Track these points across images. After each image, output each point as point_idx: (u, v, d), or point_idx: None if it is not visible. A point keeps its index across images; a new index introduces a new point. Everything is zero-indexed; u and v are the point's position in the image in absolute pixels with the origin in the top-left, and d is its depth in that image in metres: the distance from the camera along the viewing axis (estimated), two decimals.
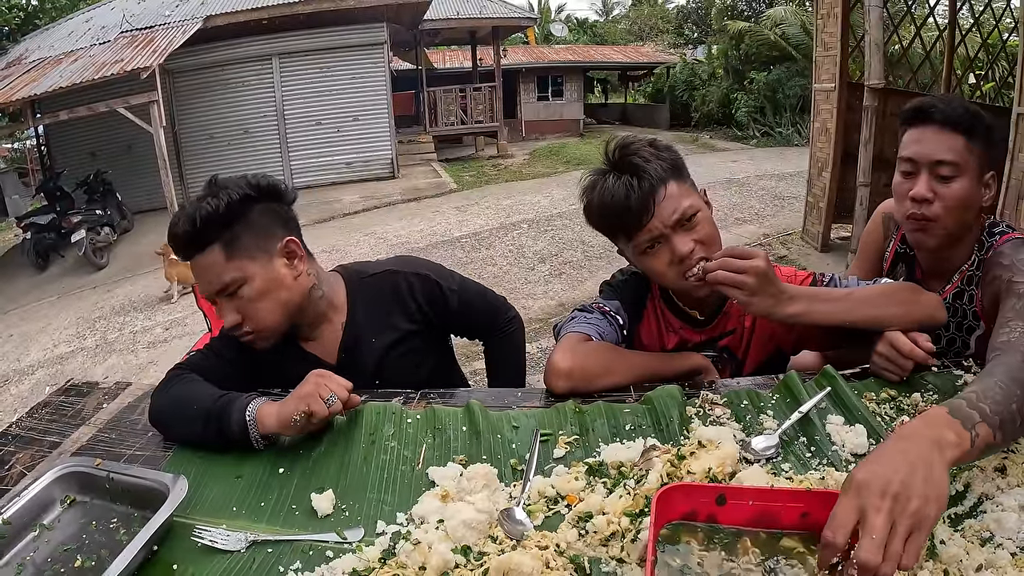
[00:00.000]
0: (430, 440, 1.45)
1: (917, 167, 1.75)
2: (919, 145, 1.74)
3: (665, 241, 1.61)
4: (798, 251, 8.64)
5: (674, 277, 1.65)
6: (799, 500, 1.08)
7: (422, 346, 1.92)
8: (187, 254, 1.64)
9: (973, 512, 1.14)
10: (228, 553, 1.18)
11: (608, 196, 1.62)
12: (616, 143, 1.68)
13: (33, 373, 7.79)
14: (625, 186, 1.59)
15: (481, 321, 2.05)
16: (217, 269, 1.63)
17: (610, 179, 1.63)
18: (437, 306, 1.90)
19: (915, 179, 1.75)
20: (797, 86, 19.19)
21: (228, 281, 1.64)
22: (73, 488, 1.35)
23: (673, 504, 1.08)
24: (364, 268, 1.95)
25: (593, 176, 1.69)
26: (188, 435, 1.52)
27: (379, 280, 1.90)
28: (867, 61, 6.23)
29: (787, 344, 1.83)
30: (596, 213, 1.68)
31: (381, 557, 1.12)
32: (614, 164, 1.66)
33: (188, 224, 1.60)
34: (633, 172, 1.60)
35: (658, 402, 1.48)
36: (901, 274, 1.99)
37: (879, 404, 1.46)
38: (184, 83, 16.19)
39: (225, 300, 1.66)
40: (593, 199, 1.67)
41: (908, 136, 1.79)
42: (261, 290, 1.67)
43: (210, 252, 1.62)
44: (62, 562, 1.20)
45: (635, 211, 1.59)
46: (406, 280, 1.90)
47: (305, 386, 1.46)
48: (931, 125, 1.73)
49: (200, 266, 1.64)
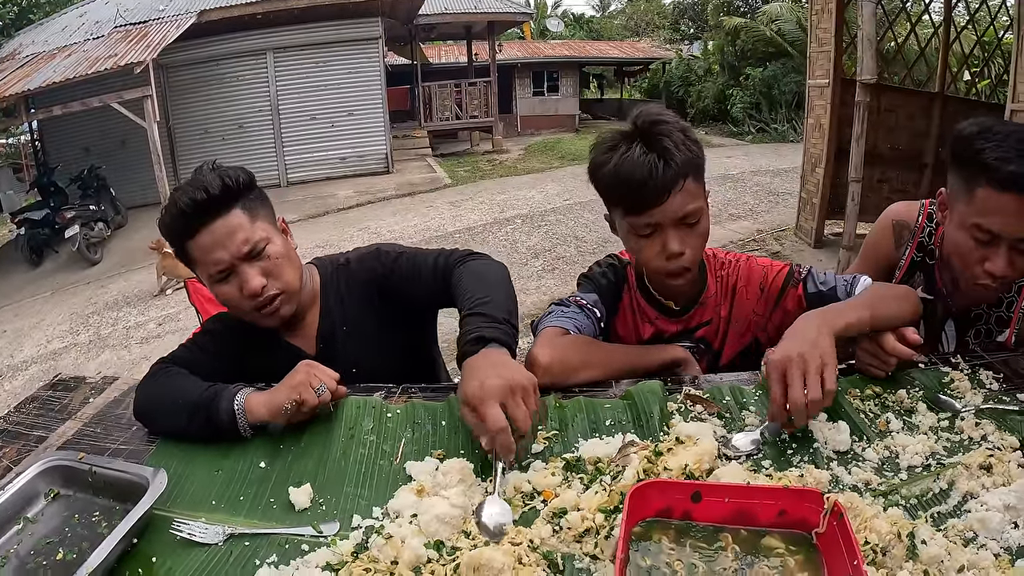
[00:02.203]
0: (409, 435, 1.44)
1: (998, 241, 1.57)
2: (1006, 220, 1.53)
3: (660, 232, 1.60)
4: (791, 247, 8.65)
5: (655, 267, 1.65)
6: (776, 497, 1.08)
7: (390, 331, 1.90)
8: (208, 218, 1.62)
9: (957, 512, 1.14)
10: (206, 546, 1.18)
11: (628, 167, 1.55)
12: (650, 113, 1.61)
13: (26, 369, 7.79)
14: (650, 165, 1.53)
15: (427, 269, 1.80)
16: (246, 228, 1.64)
17: (636, 150, 1.55)
18: (379, 275, 1.86)
19: (991, 249, 1.58)
20: (792, 82, 19.16)
21: (258, 239, 1.65)
22: (57, 482, 1.35)
23: (648, 501, 1.08)
24: (335, 259, 1.95)
25: (616, 138, 1.61)
26: (173, 428, 1.51)
27: (341, 270, 1.91)
28: (860, 56, 6.21)
29: (764, 336, 1.82)
30: (607, 177, 1.61)
31: (354, 551, 1.11)
32: (643, 135, 1.57)
33: (216, 186, 1.61)
34: (661, 154, 1.53)
35: (639, 397, 1.47)
36: (919, 283, 1.93)
37: (863, 400, 1.45)
38: (178, 78, 16.12)
39: (248, 265, 1.65)
40: (609, 162, 1.59)
41: (994, 202, 1.54)
42: (283, 250, 1.71)
43: (234, 214, 1.63)
44: (44, 555, 1.21)
45: (650, 194, 1.54)
46: (358, 264, 1.90)
47: (296, 375, 1.47)
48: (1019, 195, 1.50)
49: (226, 228, 1.63)
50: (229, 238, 1.63)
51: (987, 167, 1.52)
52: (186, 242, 1.65)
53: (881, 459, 1.28)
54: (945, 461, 1.26)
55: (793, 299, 1.75)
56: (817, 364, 1.32)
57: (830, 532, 1.02)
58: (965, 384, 1.48)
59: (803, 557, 1.02)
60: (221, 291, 1.69)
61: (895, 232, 1.99)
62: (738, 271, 1.83)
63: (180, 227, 1.63)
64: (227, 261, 1.63)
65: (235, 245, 1.63)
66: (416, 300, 1.86)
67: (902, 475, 1.24)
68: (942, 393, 1.47)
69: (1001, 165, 1.49)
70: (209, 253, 1.63)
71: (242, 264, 1.65)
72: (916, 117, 7.94)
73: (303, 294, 1.80)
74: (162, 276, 9.68)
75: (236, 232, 1.63)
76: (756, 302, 1.81)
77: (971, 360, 1.60)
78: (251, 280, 1.64)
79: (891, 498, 1.17)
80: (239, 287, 1.66)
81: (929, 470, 1.24)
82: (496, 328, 1.44)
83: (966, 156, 1.58)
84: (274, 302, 1.69)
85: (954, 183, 1.66)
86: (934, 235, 1.90)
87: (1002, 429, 1.32)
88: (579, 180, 12.08)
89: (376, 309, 1.87)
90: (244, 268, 1.65)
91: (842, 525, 0.99)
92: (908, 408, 1.43)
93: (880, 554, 1.02)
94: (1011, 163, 1.49)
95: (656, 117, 1.60)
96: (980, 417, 1.37)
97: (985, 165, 1.52)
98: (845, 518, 0.99)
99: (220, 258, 1.63)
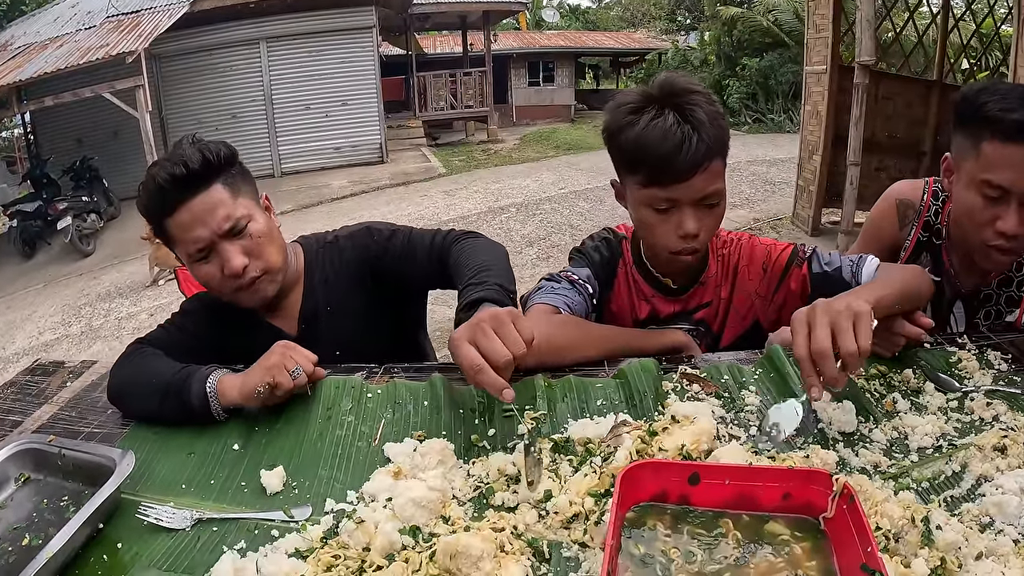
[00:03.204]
0: (389, 415, 1.38)
1: (1008, 196, 1.53)
2: (1015, 173, 1.50)
3: (678, 208, 1.52)
4: (788, 235, 8.63)
5: (665, 244, 1.57)
6: (780, 479, 1.00)
7: (377, 311, 1.85)
8: (188, 194, 1.55)
9: (971, 496, 1.08)
10: (173, 531, 1.14)
11: (657, 135, 1.44)
12: (681, 80, 1.51)
13: (18, 361, 7.77)
14: (682, 137, 1.43)
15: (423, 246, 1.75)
16: (227, 205, 1.59)
17: (669, 118, 1.44)
18: (371, 252, 1.81)
19: (1002, 207, 1.54)
20: (789, 72, 19.19)
21: (239, 216, 1.60)
22: (28, 466, 1.31)
23: (641, 483, 1.01)
24: (322, 237, 1.91)
25: (642, 100, 1.50)
26: (146, 410, 1.47)
27: (329, 248, 1.86)
28: (858, 38, 6.18)
29: (766, 318, 1.75)
30: (629, 143, 1.50)
31: (323, 536, 1.07)
32: (674, 105, 1.46)
33: (196, 160, 1.55)
34: (696, 127, 1.43)
35: (632, 376, 1.40)
36: (926, 263, 1.87)
37: (868, 380, 1.40)
38: (171, 68, 16.12)
39: (229, 242, 1.59)
40: (634, 125, 1.48)
41: (1001, 155, 1.51)
42: (266, 228, 1.66)
43: (215, 190, 1.58)
44: (11, 541, 1.18)
45: (677, 169, 1.45)
46: (348, 242, 1.85)
47: (271, 357, 1.41)
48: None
49: (206, 204, 1.56)
50: (209, 214, 1.57)
51: (991, 120, 1.50)
52: (164, 220, 1.58)
53: (889, 440, 1.23)
54: (957, 442, 1.21)
55: (797, 279, 1.68)
56: (848, 315, 1.18)
57: (839, 517, 0.95)
58: (973, 364, 1.44)
59: (810, 544, 0.95)
60: (201, 271, 1.63)
61: (899, 211, 1.93)
62: (740, 250, 1.76)
63: (158, 203, 1.57)
64: (207, 239, 1.57)
65: (216, 222, 1.57)
66: (410, 280, 1.81)
67: (912, 457, 1.19)
68: (947, 373, 1.42)
69: (1005, 115, 1.48)
70: (188, 231, 1.57)
71: (223, 242, 1.59)
72: (914, 105, 7.95)
73: (287, 274, 1.74)
74: (155, 266, 9.74)
75: (217, 208, 1.57)
76: (759, 282, 1.73)
77: (979, 340, 1.55)
78: (232, 259, 1.59)
79: (902, 481, 1.12)
80: (220, 267, 1.60)
81: (940, 452, 1.19)
82: (492, 291, 1.37)
83: (970, 113, 1.56)
84: (256, 283, 1.64)
85: (959, 144, 1.62)
86: (940, 213, 1.85)
87: (1014, 409, 1.27)
88: (574, 169, 12.16)
89: (367, 289, 1.82)
90: (225, 246, 1.59)
91: (852, 509, 0.92)
92: (915, 388, 1.39)
93: (893, 540, 0.96)
94: (1015, 112, 1.47)
95: (689, 85, 1.51)
96: (991, 397, 1.32)
97: (989, 118, 1.51)
98: (856, 501, 0.92)
99: (200, 236, 1.57)
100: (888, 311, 1.38)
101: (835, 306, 1.20)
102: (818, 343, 1.16)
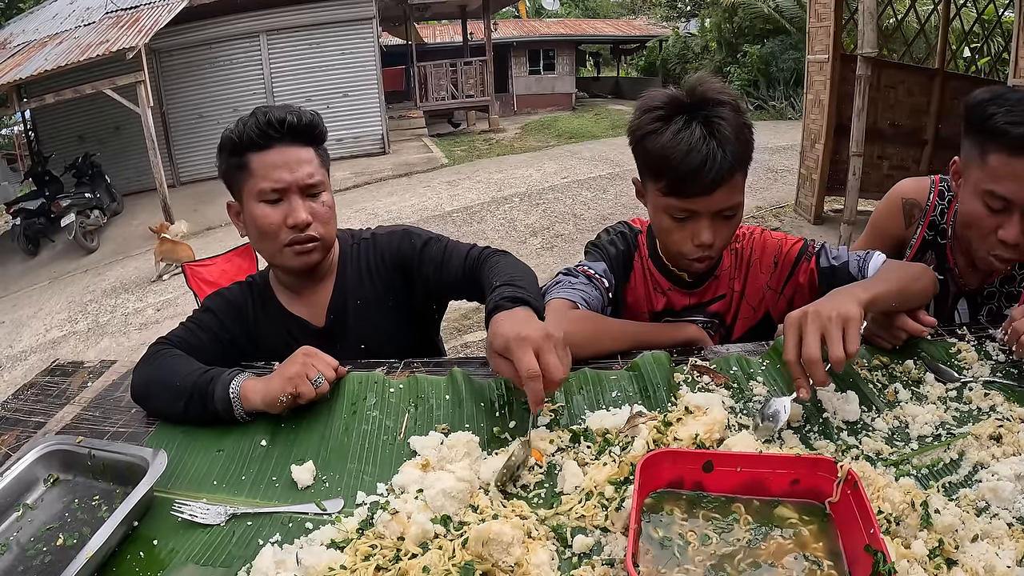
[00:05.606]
0: (412, 409, 1.42)
1: (1011, 207, 1.55)
2: (1018, 185, 1.51)
3: (695, 219, 1.55)
4: (791, 224, 8.62)
5: (680, 251, 1.62)
6: (789, 467, 1.06)
7: (403, 311, 1.88)
8: (287, 141, 1.64)
9: (968, 481, 1.13)
10: (208, 527, 1.16)
11: (682, 148, 1.47)
12: (712, 88, 1.52)
13: (26, 359, 7.78)
14: (708, 153, 1.45)
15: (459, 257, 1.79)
16: (314, 167, 1.68)
17: (696, 132, 1.47)
18: (406, 255, 1.84)
19: (1004, 217, 1.56)
20: (791, 59, 19.05)
21: (318, 181, 1.68)
22: (56, 467, 1.34)
23: (659, 471, 1.06)
24: (357, 233, 1.94)
25: (671, 106, 1.53)
26: (171, 411, 1.49)
27: (365, 245, 1.89)
28: (860, 30, 6.17)
29: (776, 311, 1.80)
30: (655, 151, 1.52)
31: (359, 528, 1.10)
32: (703, 117, 1.49)
33: (307, 118, 1.67)
34: (722, 142, 1.46)
35: (645, 368, 1.45)
36: (931, 261, 1.90)
37: (871, 371, 1.44)
38: (171, 63, 16.04)
39: (299, 198, 1.66)
40: (661, 134, 1.50)
41: (1005, 167, 1.52)
42: (332, 204, 1.74)
43: (308, 150, 1.68)
44: (45, 541, 1.19)
45: (699, 184, 1.48)
46: (385, 241, 1.88)
47: (292, 366, 1.43)
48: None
49: (299, 156, 1.65)
50: (298, 165, 1.65)
51: (998, 132, 1.51)
52: (252, 153, 1.64)
53: (891, 429, 1.28)
54: (955, 431, 1.25)
55: (805, 272, 1.73)
56: (838, 322, 1.24)
57: (844, 501, 1.00)
58: (972, 355, 1.47)
59: (817, 527, 1.01)
60: (262, 212, 1.66)
61: (905, 210, 1.96)
62: (752, 244, 1.81)
63: (255, 136, 1.63)
64: (286, 183, 1.64)
65: (301, 173, 1.65)
66: (441, 286, 1.83)
67: (912, 445, 1.23)
68: (947, 364, 1.46)
69: (1011, 129, 1.48)
70: (272, 170, 1.63)
71: (297, 196, 1.65)
72: (916, 93, 7.90)
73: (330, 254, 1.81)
74: (160, 261, 9.70)
75: (305, 164, 1.66)
76: (770, 275, 1.78)
77: (978, 332, 1.59)
78: (299, 211, 1.65)
79: (902, 468, 1.16)
80: (284, 215, 1.65)
81: (939, 440, 1.24)
82: (527, 294, 1.41)
83: (977, 122, 1.56)
84: (310, 244, 1.69)
85: (967, 150, 1.63)
86: (946, 213, 1.88)
87: (1010, 400, 1.32)
88: (577, 158, 12.04)
89: (396, 289, 1.85)
90: (296, 199, 1.66)
91: (856, 494, 0.98)
92: (916, 378, 1.43)
93: (894, 523, 1.01)
94: (1022, 127, 1.47)
95: (719, 95, 1.52)
96: (988, 388, 1.36)
97: (996, 130, 1.51)
98: (860, 487, 0.98)
99: (281, 177, 1.63)
100: (885, 307, 1.43)
101: (825, 312, 1.25)
102: (808, 351, 1.23)
